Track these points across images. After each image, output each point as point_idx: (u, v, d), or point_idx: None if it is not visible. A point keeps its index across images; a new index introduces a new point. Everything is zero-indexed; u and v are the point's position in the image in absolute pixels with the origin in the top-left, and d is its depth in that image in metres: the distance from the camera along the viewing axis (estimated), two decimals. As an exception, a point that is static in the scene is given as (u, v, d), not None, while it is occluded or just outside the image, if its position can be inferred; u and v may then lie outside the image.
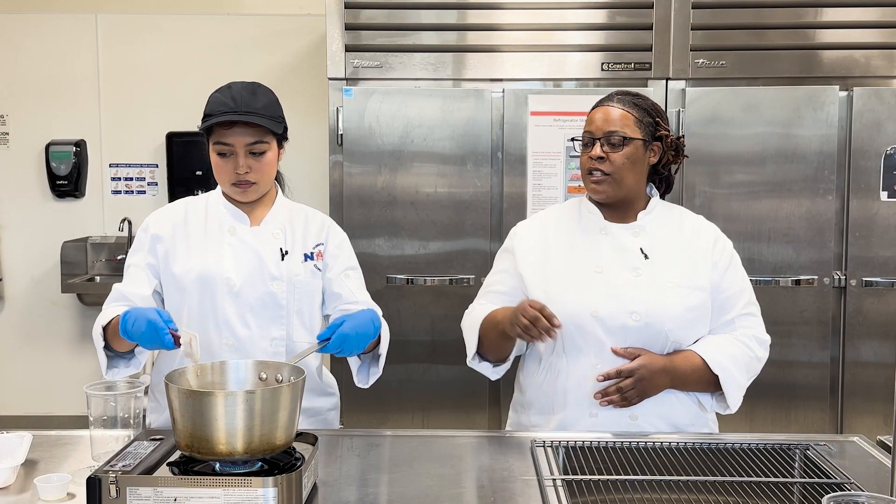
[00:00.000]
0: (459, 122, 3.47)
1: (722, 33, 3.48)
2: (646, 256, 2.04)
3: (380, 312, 2.17)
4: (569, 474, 1.74)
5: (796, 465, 1.78)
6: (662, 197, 2.19)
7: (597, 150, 2.02)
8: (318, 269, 2.20)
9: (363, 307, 2.11)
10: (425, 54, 3.51)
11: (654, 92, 3.46)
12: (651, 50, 3.48)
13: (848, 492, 1.53)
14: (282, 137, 2.17)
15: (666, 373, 1.98)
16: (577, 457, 1.80)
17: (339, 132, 3.49)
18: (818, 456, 1.76)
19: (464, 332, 2.16)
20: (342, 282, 2.20)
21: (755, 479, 1.66)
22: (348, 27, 3.49)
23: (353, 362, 2.18)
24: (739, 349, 2.03)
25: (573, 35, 3.50)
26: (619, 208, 2.09)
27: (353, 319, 1.91)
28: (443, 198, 3.49)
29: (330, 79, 3.52)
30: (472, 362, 2.14)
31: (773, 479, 1.65)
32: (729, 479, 1.65)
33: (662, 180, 2.17)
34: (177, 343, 1.79)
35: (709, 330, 2.06)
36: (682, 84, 3.49)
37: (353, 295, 2.19)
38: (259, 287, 2.11)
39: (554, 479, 1.64)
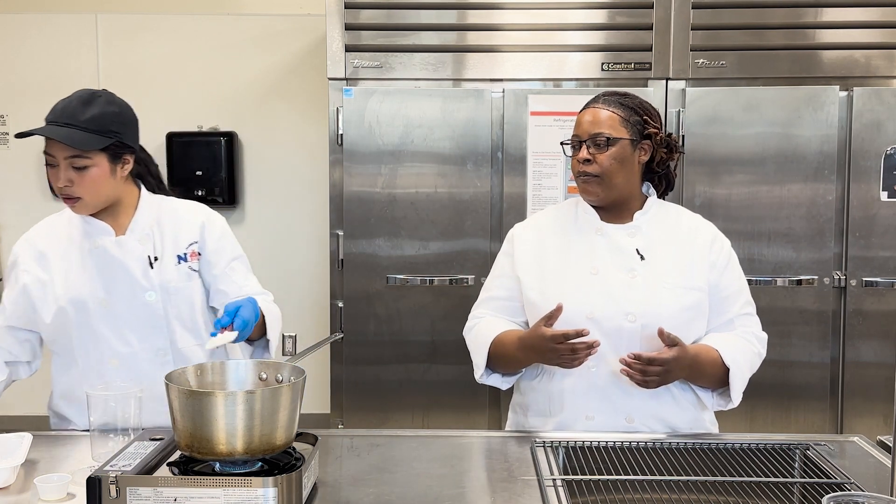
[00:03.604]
0: (459, 122, 3.47)
1: (722, 33, 3.49)
2: (641, 257, 2.03)
3: (271, 297, 2.22)
4: (569, 474, 1.74)
5: (796, 465, 1.78)
6: (664, 195, 2.18)
7: (583, 152, 2.02)
8: (194, 269, 2.12)
9: (257, 299, 2.10)
10: (425, 54, 3.51)
11: (654, 92, 3.46)
12: (651, 50, 3.48)
13: (848, 492, 1.53)
14: (119, 151, 2.02)
15: (690, 367, 1.97)
16: (577, 457, 1.80)
17: (339, 132, 3.49)
18: (818, 456, 1.76)
19: (470, 347, 2.14)
20: (228, 277, 2.15)
21: (755, 479, 1.66)
22: (348, 27, 3.49)
23: (245, 350, 2.14)
24: (746, 346, 2.04)
25: (573, 35, 3.50)
26: (614, 209, 2.08)
27: (246, 307, 1.94)
28: (443, 198, 3.49)
29: (330, 79, 3.52)
30: (482, 379, 2.12)
31: (773, 479, 1.65)
32: (729, 479, 1.65)
33: (661, 178, 2.16)
34: None
35: (706, 329, 2.06)
36: (682, 84, 3.49)
37: (240, 289, 2.16)
38: (131, 300, 2.04)
39: (554, 479, 1.64)
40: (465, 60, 3.53)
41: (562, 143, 2.13)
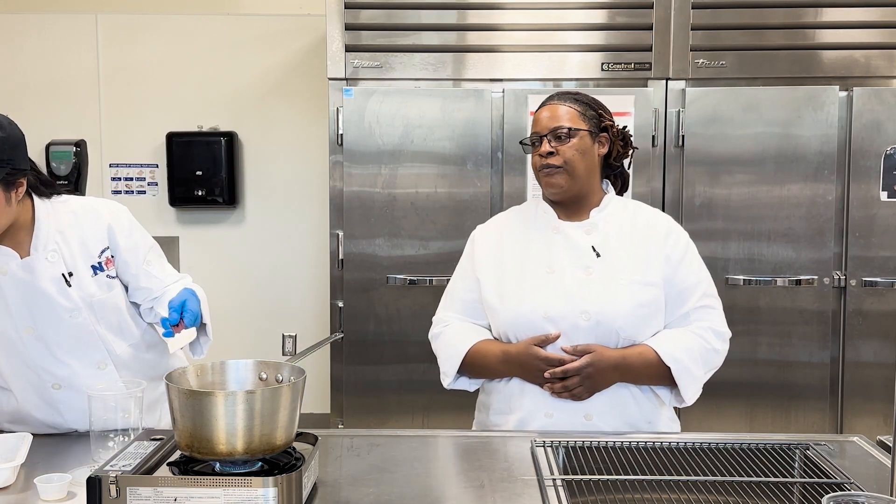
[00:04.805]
0: (459, 122, 3.47)
1: (722, 33, 3.49)
2: (598, 254, 2.04)
3: (190, 279, 2.15)
4: (569, 474, 1.74)
5: (796, 465, 1.78)
6: (620, 193, 2.21)
7: (545, 146, 2.05)
8: (112, 276, 2.03)
9: (176, 287, 2.07)
10: (425, 54, 3.51)
11: (654, 92, 3.46)
12: (651, 50, 3.48)
13: (848, 492, 1.53)
14: (12, 178, 1.83)
15: (616, 369, 1.98)
16: (577, 457, 1.80)
17: (339, 132, 3.49)
18: (818, 456, 1.76)
19: (438, 354, 2.16)
20: (148, 273, 2.07)
21: (755, 479, 1.66)
22: (348, 27, 3.49)
23: (187, 338, 2.07)
24: (695, 342, 2.02)
25: (573, 35, 3.50)
26: (573, 205, 2.10)
27: (190, 299, 1.94)
28: (443, 198, 3.49)
29: (330, 79, 3.52)
30: (450, 385, 2.14)
31: (773, 479, 1.65)
32: (729, 479, 1.65)
33: (618, 176, 2.20)
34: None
35: (665, 324, 2.06)
36: (682, 84, 3.49)
37: (163, 282, 2.09)
38: (59, 324, 1.95)
39: (554, 479, 1.64)
40: (465, 60, 3.53)
41: (521, 142, 2.17)
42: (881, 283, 3.47)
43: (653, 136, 3.46)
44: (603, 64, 3.50)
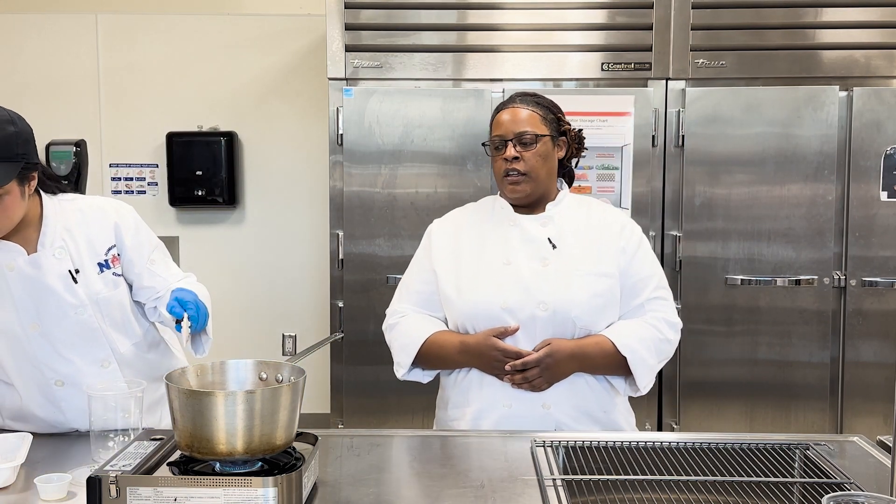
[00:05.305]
0: (459, 122, 3.47)
1: (722, 33, 3.49)
2: (553, 246, 2.07)
3: (194, 278, 2.16)
4: (569, 474, 1.74)
5: (796, 465, 1.78)
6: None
7: (510, 150, 2.06)
8: (118, 274, 2.04)
9: (177, 287, 2.06)
10: (425, 54, 3.51)
11: (654, 92, 3.46)
12: (651, 50, 3.48)
13: (848, 492, 1.53)
14: (25, 172, 1.86)
15: (574, 359, 2.01)
16: (577, 457, 1.80)
17: (339, 132, 3.49)
18: (818, 456, 1.76)
19: (392, 345, 2.17)
20: (151, 272, 2.08)
21: (755, 479, 1.66)
22: (348, 27, 3.49)
23: (183, 335, 2.04)
24: (649, 332, 2.06)
25: (573, 35, 3.50)
26: (531, 203, 2.14)
27: (180, 293, 1.96)
28: (443, 198, 3.49)
29: (330, 79, 3.52)
30: (404, 376, 2.15)
31: (773, 479, 1.65)
32: (729, 479, 1.65)
33: (566, 173, 2.24)
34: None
35: (619, 315, 2.09)
36: (682, 84, 3.49)
37: (166, 281, 2.09)
38: (63, 320, 1.95)
39: (554, 479, 1.64)
40: (465, 60, 3.53)
41: (483, 144, 2.20)
42: (881, 283, 3.47)
43: (653, 136, 3.47)
44: (603, 64, 3.50)
